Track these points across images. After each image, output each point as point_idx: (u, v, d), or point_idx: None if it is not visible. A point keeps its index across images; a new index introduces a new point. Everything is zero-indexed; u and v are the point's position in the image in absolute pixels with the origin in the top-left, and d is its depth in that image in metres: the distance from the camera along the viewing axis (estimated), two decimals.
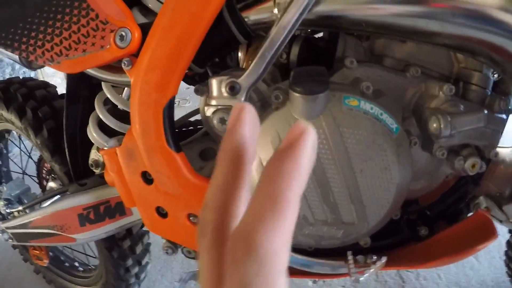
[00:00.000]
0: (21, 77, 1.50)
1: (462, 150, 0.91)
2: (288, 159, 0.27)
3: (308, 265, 0.92)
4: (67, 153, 1.23)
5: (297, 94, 0.73)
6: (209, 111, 0.81)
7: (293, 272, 0.96)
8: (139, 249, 1.49)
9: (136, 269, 1.53)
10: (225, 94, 0.78)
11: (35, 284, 2.06)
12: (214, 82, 0.79)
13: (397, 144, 0.79)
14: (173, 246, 1.02)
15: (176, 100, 0.84)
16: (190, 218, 0.91)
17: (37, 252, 1.69)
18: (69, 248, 1.89)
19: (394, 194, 0.82)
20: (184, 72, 0.80)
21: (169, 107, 0.84)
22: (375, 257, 0.87)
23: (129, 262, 1.48)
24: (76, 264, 1.88)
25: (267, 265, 0.24)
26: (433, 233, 1.08)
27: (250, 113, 0.32)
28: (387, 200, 0.82)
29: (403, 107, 0.90)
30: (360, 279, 0.82)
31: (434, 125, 0.81)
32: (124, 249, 1.45)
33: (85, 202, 1.21)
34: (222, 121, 0.80)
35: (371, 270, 0.84)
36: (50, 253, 1.88)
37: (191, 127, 1.23)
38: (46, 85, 1.46)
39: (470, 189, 1.11)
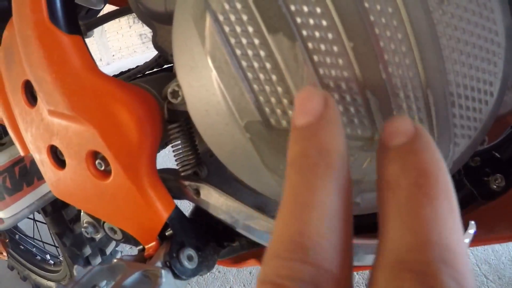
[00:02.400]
0: None
1: None
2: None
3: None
4: None
5: None
6: None
7: None
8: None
9: (98, 260, 1.01)
10: None
11: (14, 282, 1.54)
12: None
13: None
14: (94, 221, 0.50)
15: None
16: (97, 162, 0.40)
17: None
18: (39, 240, 1.38)
19: (501, 75, 0.31)
20: None
21: None
22: None
23: (87, 250, 0.96)
24: (48, 257, 1.36)
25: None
26: (511, 184, 0.55)
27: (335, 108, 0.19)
28: (491, 82, 0.30)
29: None
30: None
31: None
32: (78, 234, 0.93)
33: None
34: None
35: None
36: (21, 247, 1.39)
37: None
38: None
39: None
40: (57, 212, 0.93)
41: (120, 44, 5.72)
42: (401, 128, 0.18)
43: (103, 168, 0.40)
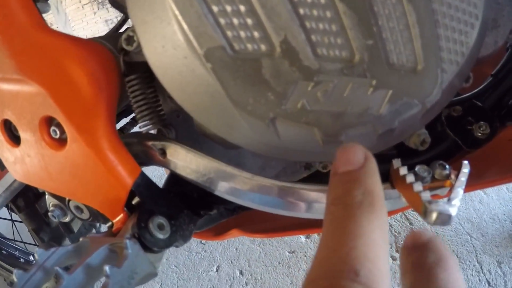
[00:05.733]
0: None
1: None
2: None
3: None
4: None
5: None
6: None
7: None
8: (77, 225, 0.91)
9: None
10: None
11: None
12: None
13: None
14: (59, 203, 0.46)
15: None
16: (51, 129, 0.35)
17: None
18: (21, 242, 1.31)
19: (483, 1, 0.27)
20: None
21: None
22: (448, 167, 0.31)
23: (67, 243, 0.91)
24: (31, 258, 1.29)
25: None
26: (496, 131, 0.53)
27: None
28: (475, 4, 0.26)
29: None
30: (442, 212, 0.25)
31: None
32: (55, 228, 0.88)
33: None
34: None
35: (458, 190, 0.27)
36: (3, 251, 1.32)
37: None
38: None
39: None
40: (31, 206, 0.87)
41: (86, 32, 5.47)
42: (351, 159, 0.21)
43: (58, 136, 0.36)
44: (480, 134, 0.52)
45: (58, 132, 0.35)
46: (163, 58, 0.25)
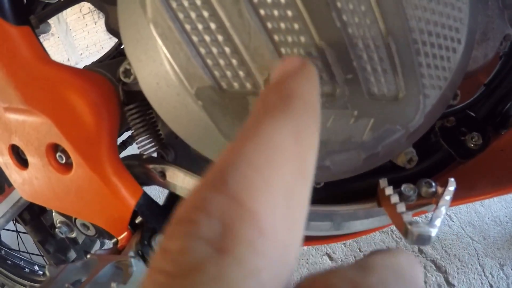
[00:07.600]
0: None
1: None
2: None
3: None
4: None
5: None
6: None
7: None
8: (82, 236, 0.94)
9: None
10: None
11: None
12: None
13: None
14: (66, 220, 0.48)
15: None
16: (57, 155, 0.37)
17: None
18: (25, 252, 1.33)
19: (467, 20, 0.29)
20: None
21: None
22: (434, 184, 0.33)
23: (72, 255, 0.93)
24: (36, 268, 1.31)
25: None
26: (488, 142, 0.55)
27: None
28: (457, 28, 0.28)
29: None
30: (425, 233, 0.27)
31: None
32: (60, 240, 0.90)
33: None
34: None
35: (441, 209, 0.29)
36: (9, 261, 1.34)
37: None
38: None
39: None
40: (36, 219, 0.90)
41: (87, 42, 5.50)
42: (283, 70, 0.17)
43: (64, 161, 0.38)
44: (472, 145, 0.53)
45: (64, 158, 0.37)
46: (158, 94, 0.27)
